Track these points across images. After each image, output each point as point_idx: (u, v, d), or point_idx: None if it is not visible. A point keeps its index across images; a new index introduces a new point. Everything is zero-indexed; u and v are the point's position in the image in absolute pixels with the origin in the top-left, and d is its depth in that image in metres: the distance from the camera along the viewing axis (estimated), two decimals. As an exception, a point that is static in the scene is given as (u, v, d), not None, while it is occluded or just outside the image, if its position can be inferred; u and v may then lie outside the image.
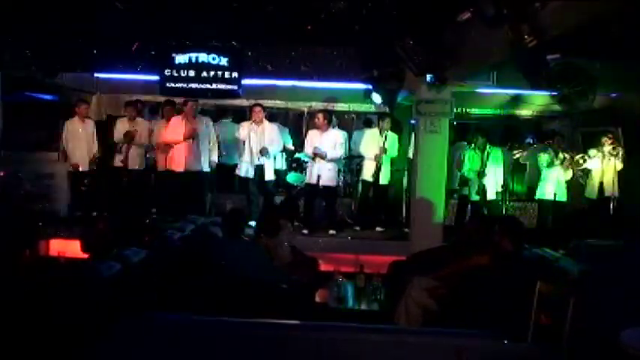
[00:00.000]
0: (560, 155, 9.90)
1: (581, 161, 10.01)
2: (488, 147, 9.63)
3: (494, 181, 9.71)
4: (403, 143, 10.51)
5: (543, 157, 10.13)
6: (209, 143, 9.86)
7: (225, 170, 10.47)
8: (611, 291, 4.99)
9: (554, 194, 9.99)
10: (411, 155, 10.17)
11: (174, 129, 9.69)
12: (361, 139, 10.25)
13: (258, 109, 9.72)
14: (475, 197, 9.70)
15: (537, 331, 4.54)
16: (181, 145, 9.67)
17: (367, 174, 9.98)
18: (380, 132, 9.86)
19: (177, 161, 9.73)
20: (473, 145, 9.84)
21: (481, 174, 9.52)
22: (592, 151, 10.11)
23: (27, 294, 3.94)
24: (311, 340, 2.93)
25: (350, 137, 10.65)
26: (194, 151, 9.66)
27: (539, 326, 4.55)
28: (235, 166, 10.20)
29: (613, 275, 5.35)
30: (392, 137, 9.92)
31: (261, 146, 9.57)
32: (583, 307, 4.34)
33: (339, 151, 9.74)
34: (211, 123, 10.08)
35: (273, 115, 11.33)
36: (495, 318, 4.70)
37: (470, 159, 9.75)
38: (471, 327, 3.24)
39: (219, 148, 10.19)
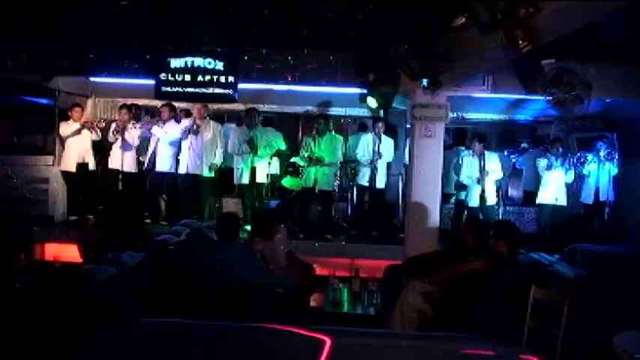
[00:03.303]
0: (560, 159, 9.93)
1: (582, 160, 10.04)
2: (486, 152, 9.68)
3: (492, 187, 9.76)
4: (399, 147, 10.53)
5: (543, 162, 10.15)
6: (215, 148, 9.89)
7: (226, 174, 10.47)
8: (605, 295, 5.01)
9: (556, 198, 10.01)
10: (406, 160, 10.18)
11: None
12: (357, 143, 10.27)
13: (252, 113, 9.83)
14: (474, 203, 9.73)
15: (532, 335, 4.55)
16: (185, 147, 9.79)
17: (363, 178, 10.00)
18: (375, 136, 9.88)
19: (181, 164, 9.89)
20: (471, 150, 9.88)
21: (480, 180, 9.55)
22: (588, 156, 10.14)
23: (22, 298, 3.94)
24: (306, 344, 2.93)
25: (345, 142, 10.66)
26: (196, 154, 9.69)
27: (534, 331, 4.56)
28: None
29: (608, 280, 5.36)
30: (387, 141, 9.94)
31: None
32: (577, 311, 4.35)
33: (335, 156, 9.75)
34: (220, 128, 10.09)
35: (268, 120, 11.35)
36: (490, 322, 4.70)
37: (468, 165, 9.79)
38: (466, 331, 3.24)
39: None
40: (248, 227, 6.84)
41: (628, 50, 7.97)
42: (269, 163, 10.16)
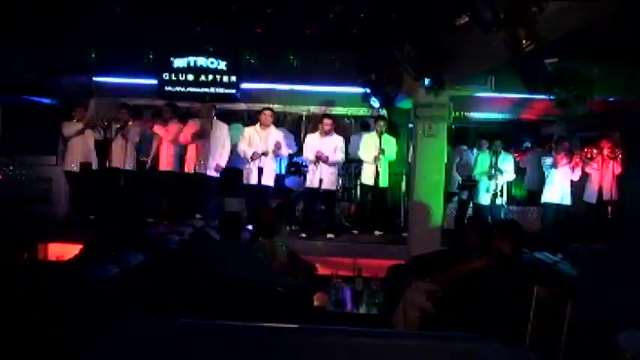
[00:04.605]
0: (566, 158, 9.92)
1: (589, 155, 10.02)
2: (502, 152, 9.76)
3: (504, 187, 9.84)
4: (401, 147, 10.51)
5: (549, 160, 10.15)
6: (222, 148, 9.88)
7: (231, 174, 10.46)
8: (608, 295, 5.00)
9: (561, 197, 10.01)
10: (409, 159, 10.18)
11: (190, 132, 9.82)
12: (359, 142, 10.24)
13: (268, 112, 9.71)
14: (484, 201, 9.78)
15: (535, 334, 4.54)
16: (191, 147, 9.81)
17: (366, 177, 9.97)
18: (377, 135, 9.86)
19: (187, 164, 9.91)
20: (490, 147, 9.92)
21: (492, 176, 9.59)
22: (594, 151, 10.12)
23: (22, 298, 3.94)
24: (308, 344, 2.93)
25: (347, 141, 10.63)
26: (202, 154, 9.69)
27: (537, 330, 4.55)
28: (241, 170, 10.18)
29: (610, 279, 5.35)
30: (389, 140, 9.93)
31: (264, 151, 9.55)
32: (580, 311, 4.35)
33: (340, 155, 9.74)
34: (226, 128, 10.05)
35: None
36: (493, 322, 4.70)
37: (481, 161, 9.84)
38: (469, 331, 3.24)
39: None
40: (249, 227, 6.82)
41: (631, 50, 7.97)
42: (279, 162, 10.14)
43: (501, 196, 9.98)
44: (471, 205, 10.46)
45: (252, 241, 6.21)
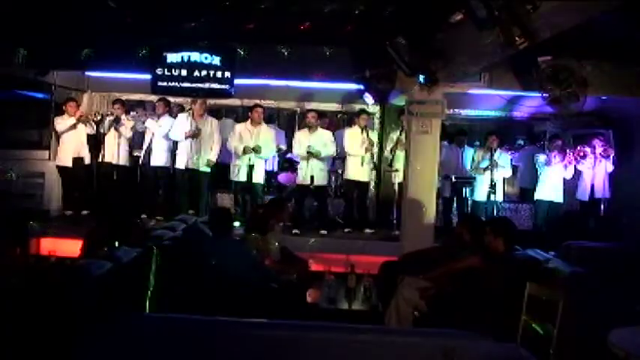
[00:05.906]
0: (560, 155, 9.94)
1: (581, 153, 10.04)
2: (499, 150, 9.80)
3: (500, 184, 9.86)
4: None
5: (542, 157, 10.16)
6: (213, 143, 9.88)
7: (223, 169, 10.45)
8: (600, 293, 5.02)
9: (554, 195, 10.03)
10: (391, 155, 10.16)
11: (180, 127, 9.80)
12: (344, 138, 10.17)
13: (259, 109, 9.77)
14: (480, 198, 9.83)
15: (526, 332, 4.56)
16: (183, 143, 9.78)
17: (351, 173, 9.93)
18: (360, 129, 9.78)
19: (179, 159, 9.87)
20: (486, 144, 9.99)
21: (486, 169, 9.63)
22: (587, 149, 10.14)
23: (17, 293, 3.92)
24: (301, 340, 2.93)
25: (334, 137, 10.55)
26: (194, 150, 9.67)
27: (529, 327, 4.57)
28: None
29: (603, 277, 5.38)
30: (372, 135, 9.88)
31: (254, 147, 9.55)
32: (572, 308, 4.36)
33: (331, 149, 9.73)
34: (217, 123, 10.07)
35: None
36: (485, 319, 4.72)
37: (479, 158, 9.89)
38: (461, 328, 3.25)
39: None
40: (237, 223, 6.80)
41: (624, 48, 7.98)
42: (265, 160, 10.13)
43: (494, 192, 10.00)
44: (455, 203, 10.49)
45: (245, 238, 6.22)
